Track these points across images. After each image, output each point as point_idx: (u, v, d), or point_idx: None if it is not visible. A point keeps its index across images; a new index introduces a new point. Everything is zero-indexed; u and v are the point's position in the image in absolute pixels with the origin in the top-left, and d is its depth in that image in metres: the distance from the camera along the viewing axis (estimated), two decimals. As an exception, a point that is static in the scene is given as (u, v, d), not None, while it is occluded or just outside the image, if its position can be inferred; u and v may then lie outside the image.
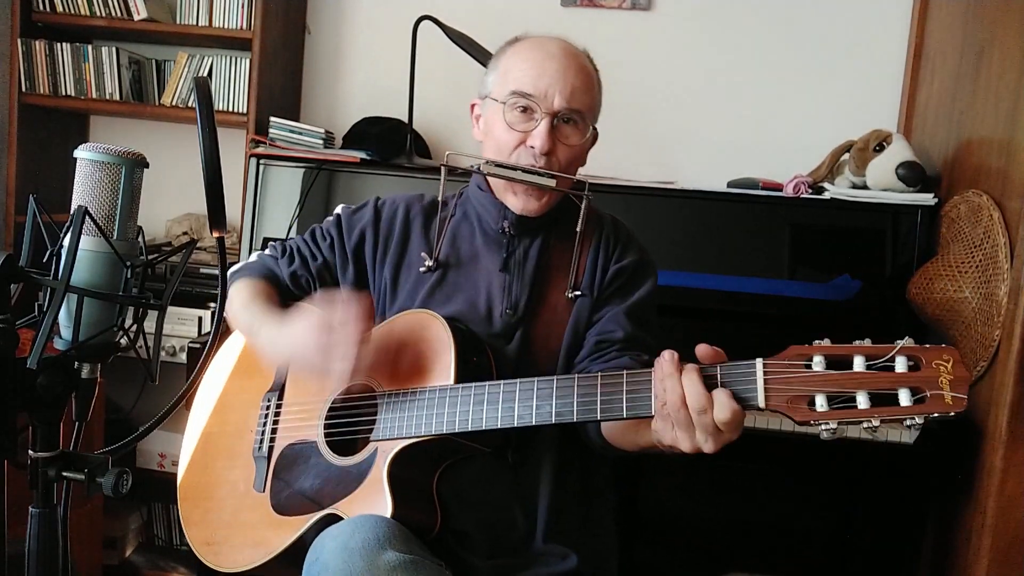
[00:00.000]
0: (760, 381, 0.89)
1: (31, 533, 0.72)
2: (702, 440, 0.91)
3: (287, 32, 2.53)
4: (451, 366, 1.09)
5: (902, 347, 0.86)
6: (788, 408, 0.88)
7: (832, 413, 0.86)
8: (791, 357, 0.90)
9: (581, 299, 1.24)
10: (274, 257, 1.35)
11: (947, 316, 1.79)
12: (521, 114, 1.21)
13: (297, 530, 1.15)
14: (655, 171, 2.30)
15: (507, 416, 1.02)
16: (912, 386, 0.85)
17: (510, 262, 1.25)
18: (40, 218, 0.73)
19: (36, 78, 2.47)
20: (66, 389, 0.73)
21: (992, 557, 1.61)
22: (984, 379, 1.69)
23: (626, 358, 1.18)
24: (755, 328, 1.95)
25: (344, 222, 1.33)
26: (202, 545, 1.25)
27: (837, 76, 2.42)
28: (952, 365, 0.85)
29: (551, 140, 1.19)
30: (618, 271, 1.26)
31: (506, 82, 1.22)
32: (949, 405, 0.83)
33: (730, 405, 0.88)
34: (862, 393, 0.86)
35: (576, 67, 1.22)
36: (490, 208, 1.28)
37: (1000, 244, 1.67)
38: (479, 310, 1.23)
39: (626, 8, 2.48)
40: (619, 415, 0.97)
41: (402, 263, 1.29)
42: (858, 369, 0.87)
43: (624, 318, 1.22)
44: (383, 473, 1.08)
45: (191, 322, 2.30)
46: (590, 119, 1.25)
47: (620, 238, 1.29)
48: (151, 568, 2.45)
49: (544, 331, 1.23)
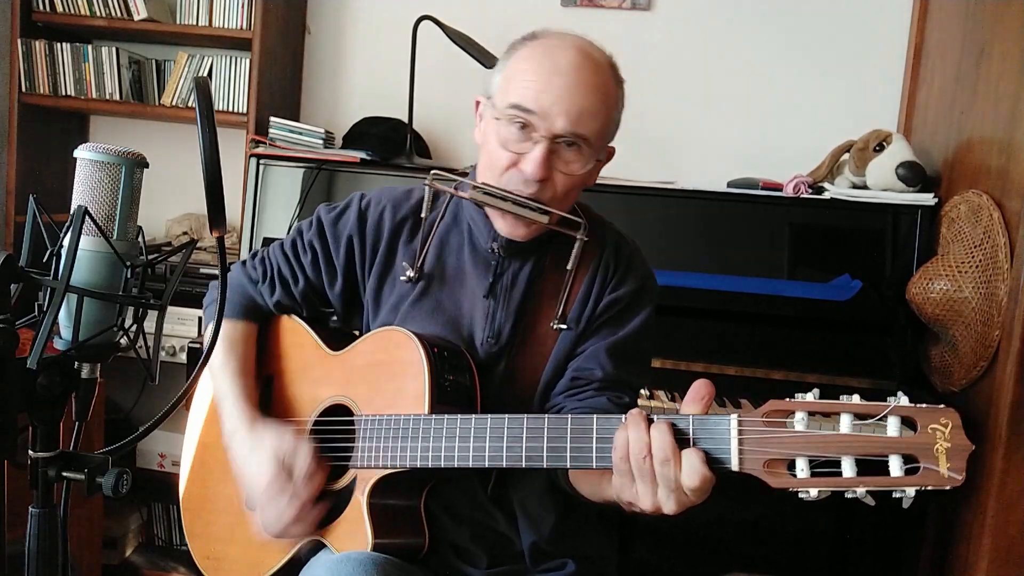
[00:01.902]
0: (734, 441, 0.81)
1: (31, 533, 0.72)
2: (664, 497, 0.85)
3: (287, 32, 2.53)
4: (424, 394, 1.04)
5: (895, 407, 0.77)
6: (764, 472, 0.80)
7: (813, 481, 0.78)
8: (769, 414, 0.81)
9: (566, 332, 1.15)
10: (254, 281, 1.27)
11: (947, 316, 1.79)
12: (518, 131, 1.06)
13: (287, 552, 1.14)
14: (655, 171, 2.30)
15: (478, 456, 0.99)
16: (904, 453, 0.76)
17: (496, 287, 1.16)
18: (40, 218, 0.72)
19: (36, 78, 2.47)
20: (66, 389, 0.72)
21: (992, 557, 1.61)
22: (984, 379, 1.69)
23: (603, 398, 1.11)
24: (755, 328, 1.95)
25: (328, 231, 1.22)
26: (203, 559, 1.25)
27: (837, 76, 2.42)
28: (950, 431, 0.76)
29: (546, 168, 1.05)
30: (612, 302, 1.16)
31: (508, 91, 1.08)
32: (944, 480, 0.75)
33: (700, 471, 0.81)
34: (848, 459, 0.77)
35: (589, 85, 1.06)
36: (481, 225, 1.17)
37: (1000, 244, 1.67)
38: (461, 334, 1.16)
39: (626, 8, 2.48)
40: (589, 464, 0.92)
41: (387, 275, 1.21)
42: (845, 430, 0.78)
43: (606, 356, 1.13)
44: (363, 503, 1.06)
45: (191, 322, 2.30)
46: (598, 145, 1.09)
47: (620, 263, 1.18)
48: (151, 568, 2.45)
49: (529, 362, 1.16)
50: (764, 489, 0.83)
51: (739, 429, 0.82)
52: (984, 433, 1.65)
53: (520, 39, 1.13)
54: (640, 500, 0.87)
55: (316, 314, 1.29)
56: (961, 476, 0.75)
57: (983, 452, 1.65)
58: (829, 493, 0.78)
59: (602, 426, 0.92)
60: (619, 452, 0.87)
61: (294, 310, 1.27)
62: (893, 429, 0.77)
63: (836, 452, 0.77)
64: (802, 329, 1.95)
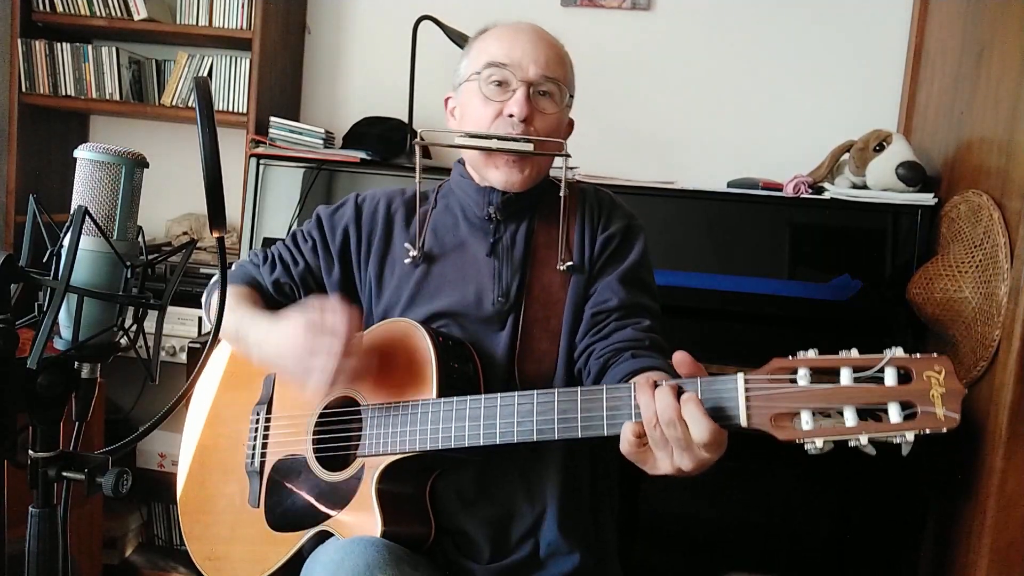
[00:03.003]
0: (741, 398, 0.84)
1: (31, 533, 0.72)
2: (679, 458, 0.87)
3: (287, 32, 2.53)
4: (433, 379, 1.07)
5: (891, 358, 0.81)
6: (771, 426, 0.83)
7: (818, 431, 0.81)
8: (774, 371, 0.84)
9: (577, 276, 1.21)
10: (255, 265, 1.32)
11: (947, 316, 1.79)
12: (497, 88, 1.20)
13: (293, 546, 1.14)
14: (655, 171, 2.30)
15: (489, 433, 1.00)
16: (902, 400, 0.80)
17: (498, 247, 1.23)
18: (40, 218, 0.73)
19: (36, 78, 2.47)
20: (66, 389, 0.72)
21: (992, 557, 1.61)
22: (984, 379, 1.69)
23: (627, 329, 1.16)
24: (755, 328, 1.95)
25: (325, 222, 1.30)
26: (204, 560, 1.25)
27: (837, 76, 2.42)
28: (944, 376, 0.79)
29: (529, 107, 1.18)
30: (607, 239, 1.24)
31: (479, 58, 1.22)
32: (940, 422, 0.78)
33: (702, 421, 0.84)
34: (849, 408, 0.80)
35: (547, 41, 1.23)
36: (473, 195, 1.26)
37: (1000, 244, 1.67)
38: (468, 300, 1.20)
39: (626, 8, 2.48)
40: (600, 433, 0.94)
41: (386, 259, 1.27)
42: (845, 383, 0.81)
43: (618, 285, 1.20)
44: (371, 490, 1.07)
45: (191, 322, 2.30)
46: (565, 89, 1.23)
47: (604, 206, 1.28)
48: (151, 568, 2.45)
49: (541, 312, 1.20)
50: (764, 489, 0.83)
51: (746, 387, 0.84)
52: (984, 433, 1.65)
53: (476, 33, 1.28)
54: (659, 466, 0.89)
55: None
56: (957, 415, 0.78)
57: (983, 452, 1.65)
58: (833, 444, 0.81)
59: (611, 395, 0.94)
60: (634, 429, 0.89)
61: (292, 293, 1.29)
62: (890, 379, 0.80)
63: (839, 403, 0.81)
64: (802, 329, 1.95)
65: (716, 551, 2.28)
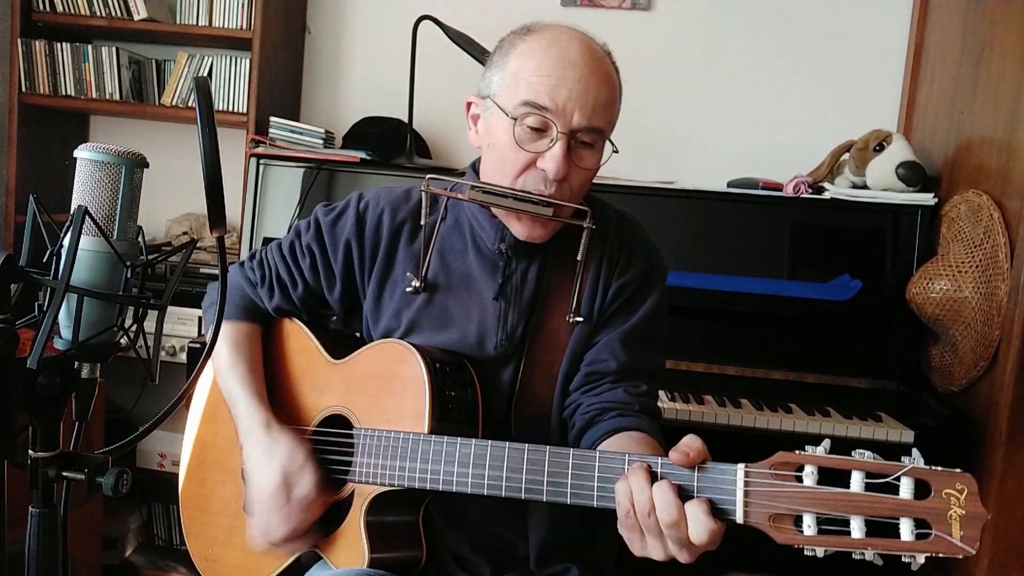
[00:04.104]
0: (740, 492, 0.79)
1: (31, 533, 0.72)
2: (675, 551, 0.82)
3: (287, 32, 2.53)
4: (425, 412, 1.02)
5: (910, 468, 0.74)
6: (769, 527, 0.77)
7: (820, 539, 0.74)
8: (778, 465, 0.78)
9: (581, 326, 1.13)
10: (252, 284, 1.24)
11: (947, 316, 1.79)
12: (533, 133, 1.04)
13: (286, 559, 1.14)
14: (655, 171, 2.30)
15: (477, 484, 0.96)
16: (917, 517, 0.73)
17: (507, 288, 1.13)
18: (40, 218, 0.72)
19: (36, 78, 2.47)
20: (66, 389, 0.72)
21: (992, 557, 1.61)
22: (984, 379, 1.69)
23: (620, 390, 1.10)
24: (755, 328, 1.95)
25: (326, 233, 1.20)
26: (201, 559, 1.25)
27: (837, 76, 2.42)
28: (965, 497, 0.72)
29: (567, 165, 1.04)
30: (620, 288, 1.14)
31: (516, 89, 1.05)
32: (955, 548, 0.71)
33: (707, 524, 0.78)
34: (857, 519, 0.74)
35: (600, 76, 1.05)
36: (486, 226, 1.14)
37: (1000, 244, 1.67)
38: (470, 340, 1.13)
39: (626, 8, 2.48)
40: (590, 503, 0.89)
41: (387, 281, 1.18)
42: (855, 489, 0.74)
43: (620, 346, 1.12)
44: (359, 518, 1.06)
45: (191, 322, 2.30)
46: (607, 136, 1.08)
47: (624, 246, 1.17)
48: (151, 568, 2.45)
49: (544, 357, 1.14)
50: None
51: (746, 480, 0.79)
52: (984, 433, 1.65)
53: (514, 34, 1.11)
54: (651, 553, 0.84)
55: (316, 317, 1.28)
56: (974, 547, 0.71)
57: (983, 452, 1.65)
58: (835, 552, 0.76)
59: (604, 464, 0.89)
60: (623, 508, 0.84)
61: (294, 314, 1.26)
62: (906, 491, 0.74)
63: (846, 511, 0.74)
64: (802, 329, 1.95)
65: (716, 551, 2.27)
